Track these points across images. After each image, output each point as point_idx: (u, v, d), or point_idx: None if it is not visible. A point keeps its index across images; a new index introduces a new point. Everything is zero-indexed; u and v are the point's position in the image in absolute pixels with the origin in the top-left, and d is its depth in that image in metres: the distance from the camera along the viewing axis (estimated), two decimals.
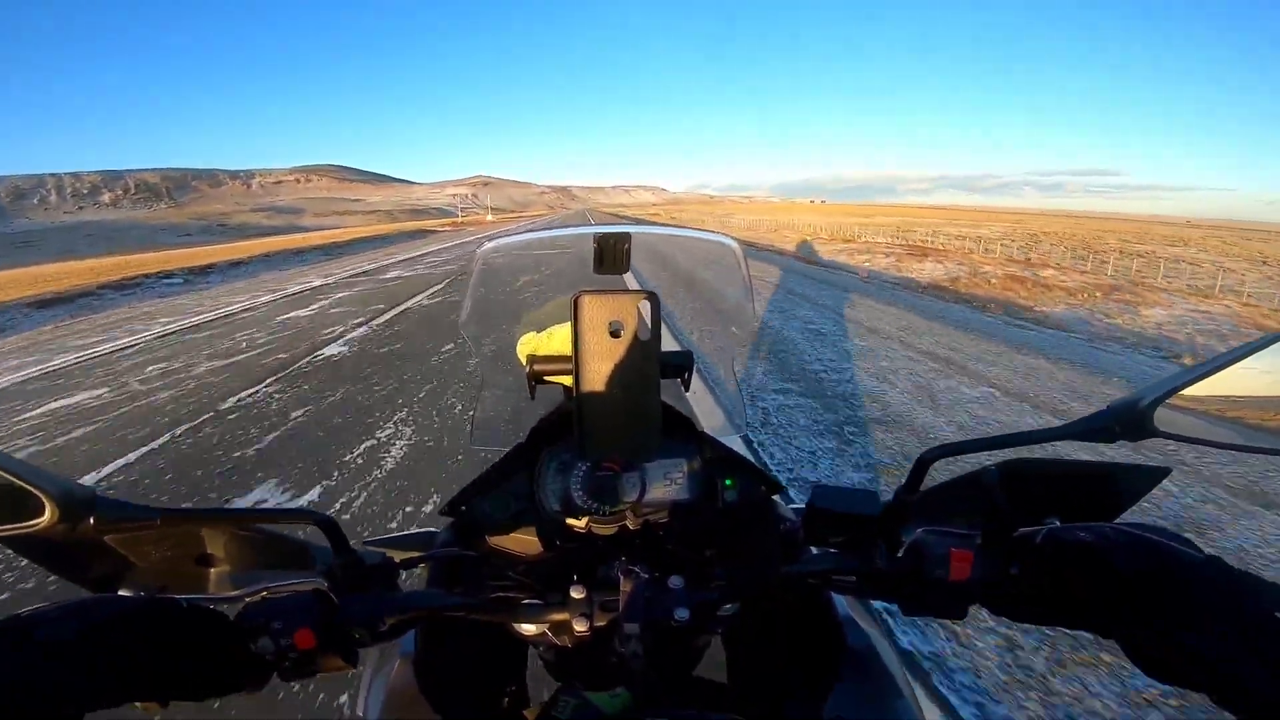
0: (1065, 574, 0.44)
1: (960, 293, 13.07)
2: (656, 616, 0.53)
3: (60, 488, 0.43)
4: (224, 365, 5.79)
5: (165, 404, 4.69)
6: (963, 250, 21.79)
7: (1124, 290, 14.73)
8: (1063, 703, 1.71)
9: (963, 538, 0.49)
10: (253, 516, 0.56)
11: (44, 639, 0.37)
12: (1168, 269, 22.14)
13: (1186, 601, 0.38)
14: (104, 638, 0.39)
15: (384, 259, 18.34)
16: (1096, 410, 0.46)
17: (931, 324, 7.39)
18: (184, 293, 12.37)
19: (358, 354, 6.04)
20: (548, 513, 0.69)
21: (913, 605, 0.50)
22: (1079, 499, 0.51)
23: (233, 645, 0.46)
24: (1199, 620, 0.37)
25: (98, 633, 0.39)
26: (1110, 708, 1.68)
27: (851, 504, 0.54)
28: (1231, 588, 0.37)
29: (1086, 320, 10.92)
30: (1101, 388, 4.89)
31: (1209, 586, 0.38)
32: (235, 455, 3.61)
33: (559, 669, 0.68)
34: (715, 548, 0.69)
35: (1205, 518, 2.68)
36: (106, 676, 0.39)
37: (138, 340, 7.32)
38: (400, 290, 10.79)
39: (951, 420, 3.94)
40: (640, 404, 0.63)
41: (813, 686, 0.61)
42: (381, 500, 2.98)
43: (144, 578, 0.55)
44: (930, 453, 0.49)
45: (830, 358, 5.46)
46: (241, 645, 0.46)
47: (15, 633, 0.37)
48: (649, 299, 0.60)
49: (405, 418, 4.16)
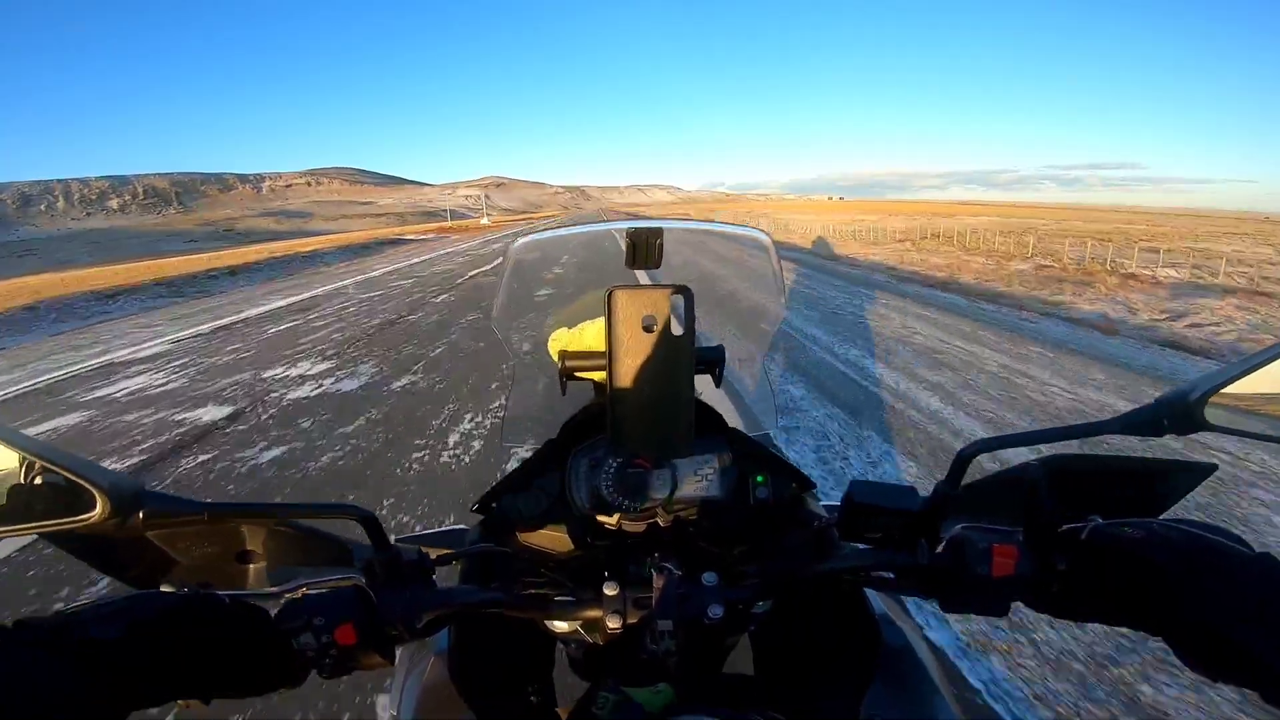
0: (1111, 570, 0.44)
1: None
2: (690, 614, 0.53)
3: (111, 482, 0.43)
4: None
5: None
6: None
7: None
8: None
9: (1005, 534, 0.48)
10: (297, 511, 0.55)
11: (94, 637, 0.37)
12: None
13: (1236, 598, 0.38)
14: (150, 636, 0.39)
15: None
16: (1144, 405, 0.46)
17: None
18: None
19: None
20: (578, 509, 0.69)
21: (953, 601, 0.49)
22: (1123, 495, 0.50)
23: (274, 641, 0.45)
24: (1248, 616, 0.37)
25: (144, 631, 0.39)
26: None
27: (891, 499, 0.53)
28: (1278, 584, 0.37)
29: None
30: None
31: (1259, 583, 0.38)
32: None
33: (585, 666, 0.68)
34: (746, 545, 0.69)
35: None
36: (153, 675, 0.39)
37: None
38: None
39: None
40: (673, 399, 0.62)
41: (848, 684, 0.61)
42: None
43: (185, 574, 0.55)
44: (971, 447, 0.49)
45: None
46: (283, 642, 0.45)
47: (65, 632, 0.37)
48: (682, 293, 0.60)
49: None
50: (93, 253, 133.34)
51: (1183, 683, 1.66)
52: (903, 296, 8.64)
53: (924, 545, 0.52)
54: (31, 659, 0.34)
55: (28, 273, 39.60)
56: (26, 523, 0.44)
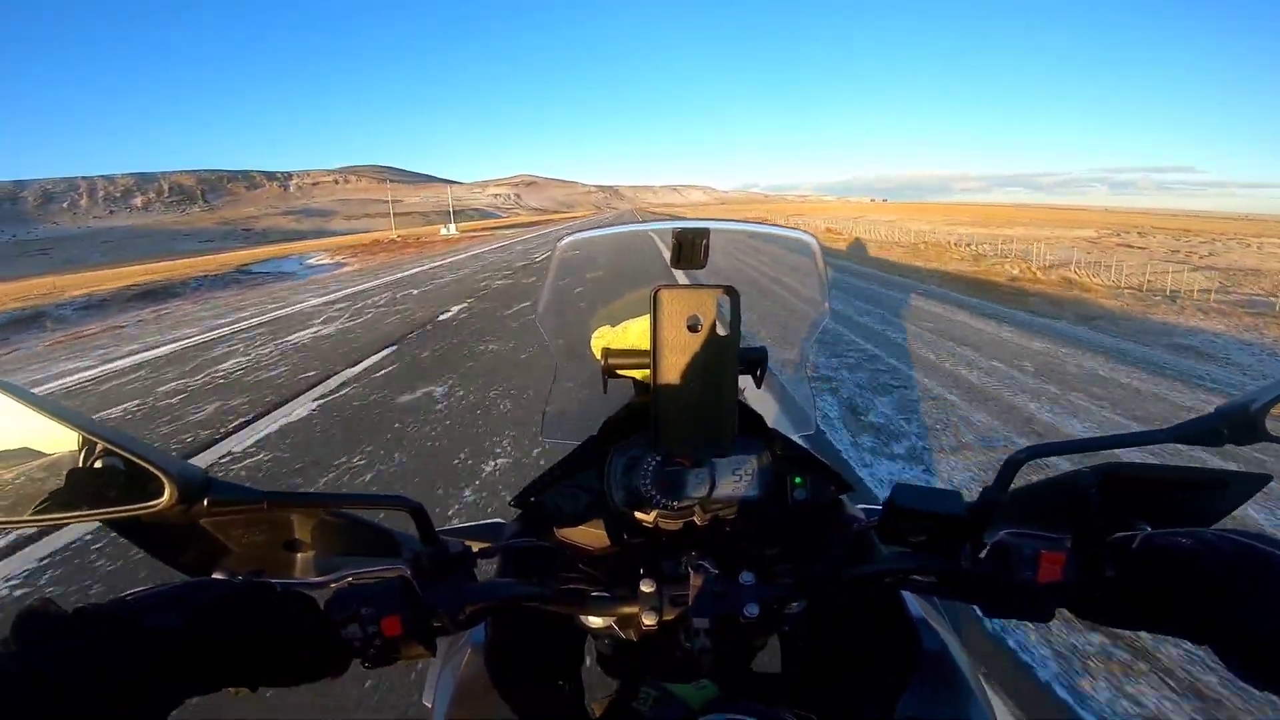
0: (1161, 580, 0.43)
1: None
2: (726, 611, 0.53)
3: (179, 469, 0.44)
4: None
5: None
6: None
7: None
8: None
9: (1052, 540, 0.48)
10: (349, 501, 0.56)
11: (151, 626, 0.38)
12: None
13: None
14: (206, 623, 0.40)
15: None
16: (1202, 415, 0.45)
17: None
18: None
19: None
20: (616, 506, 0.69)
21: (996, 607, 0.49)
22: (1173, 505, 0.50)
23: (323, 631, 0.46)
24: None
25: (201, 618, 0.40)
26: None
27: (935, 503, 0.53)
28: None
29: None
30: None
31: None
32: None
33: (616, 662, 0.68)
34: (782, 545, 0.69)
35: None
36: (207, 662, 0.40)
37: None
38: None
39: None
40: (717, 399, 0.63)
41: (885, 687, 0.60)
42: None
43: (236, 562, 0.55)
44: (1021, 453, 0.49)
45: None
46: (331, 631, 0.46)
47: (124, 621, 0.37)
48: (729, 294, 0.59)
49: None
50: (106, 252, 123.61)
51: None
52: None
53: (967, 550, 0.51)
54: (92, 645, 0.35)
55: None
56: (93, 509, 0.44)
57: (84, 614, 0.37)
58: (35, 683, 0.32)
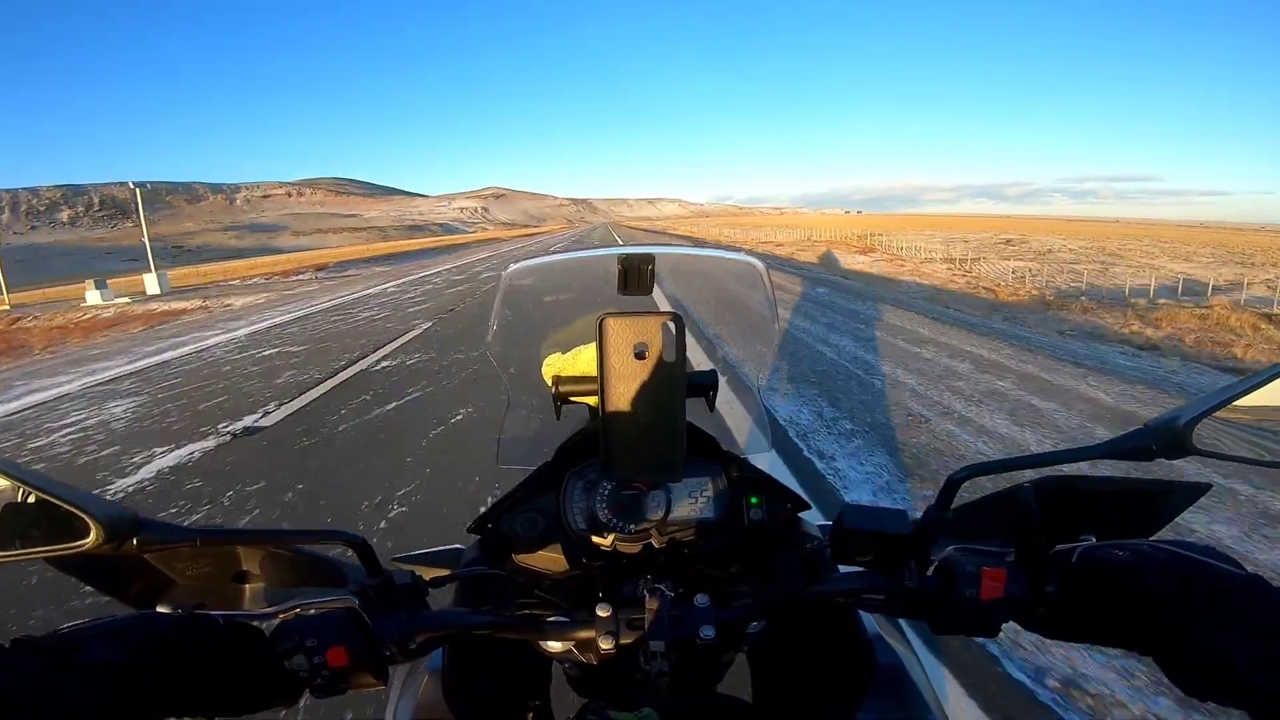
0: (1103, 592, 0.44)
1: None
2: (682, 634, 0.53)
3: (104, 510, 0.44)
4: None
5: None
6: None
7: None
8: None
9: (994, 556, 0.49)
10: (287, 537, 0.57)
11: (88, 660, 0.38)
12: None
13: (1227, 619, 0.38)
14: (145, 655, 0.40)
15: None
16: (1132, 429, 0.46)
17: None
18: None
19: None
20: (573, 531, 0.69)
21: (943, 623, 0.50)
22: (1115, 516, 0.51)
23: (267, 662, 0.46)
24: (1239, 638, 0.37)
25: (139, 650, 0.40)
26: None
27: (882, 523, 0.54)
28: (1273, 605, 0.37)
29: None
30: None
31: (1249, 604, 0.38)
32: None
33: (584, 686, 0.68)
34: (741, 566, 0.70)
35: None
36: (147, 694, 0.39)
37: None
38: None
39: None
40: (665, 426, 0.63)
41: (842, 705, 0.61)
42: None
43: (182, 595, 0.56)
44: (960, 472, 0.50)
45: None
46: (276, 662, 0.46)
47: (60, 653, 0.37)
48: (674, 321, 0.60)
49: None
50: (13, 273, 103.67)
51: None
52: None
53: (913, 568, 0.52)
54: (28, 677, 0.35)
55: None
56: (23, 549, 0.45)
57: (19, 645, 0.37)
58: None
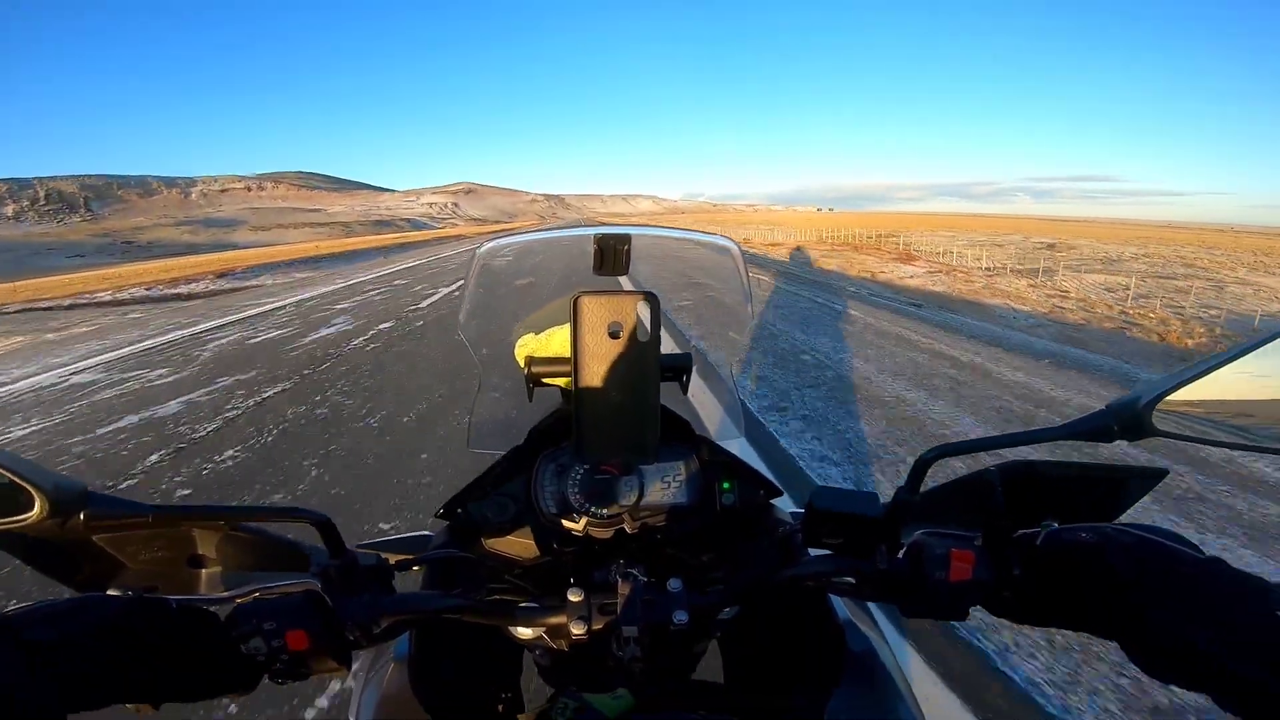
0: (1066, 575, 0.44)
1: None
2: (655, 619, 0.53)
3: (51, 482, 0.42)
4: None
5: None
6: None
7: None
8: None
9: (963, 539, 0.48)
10: (247, 514, 0.54)
11: (30, 640, 0.37)
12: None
13: (1187, 602, 0.38)
14: (91, 638, 0.39)
15: None
16: (1095, 410, 0.46)
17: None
18: None
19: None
20: (545, 515, 0.68)
21: (913, 607, 0.50)
22: (1078, 500, 0.51)
23: (223, 646, 0.45)
24: (1200, 620, 0.37)
25: (84, 633, 0.39)
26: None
27: (852, 505, 0.54)
28: (1232, 588, 0.37)
29: None
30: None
31: (1210, 587, 0.38)
32: None
33: (554, 673, 0.67)
34: (713, 551, 0.69)
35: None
36: (93, 677, 0.39)
37: None
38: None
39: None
40: (639, 406, 0.62)
41: (814, 689, 0.61)
42: None
43: (134, 579, 0.53)
44: (929, 453, 0.50)
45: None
46: (232, 646, 0.45)
47: (3, 630, 0.37)
48: (649, 300, 0.59)
49: None
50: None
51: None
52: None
53: (883, 551, 0.52)
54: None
55: None
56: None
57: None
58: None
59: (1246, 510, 2.71)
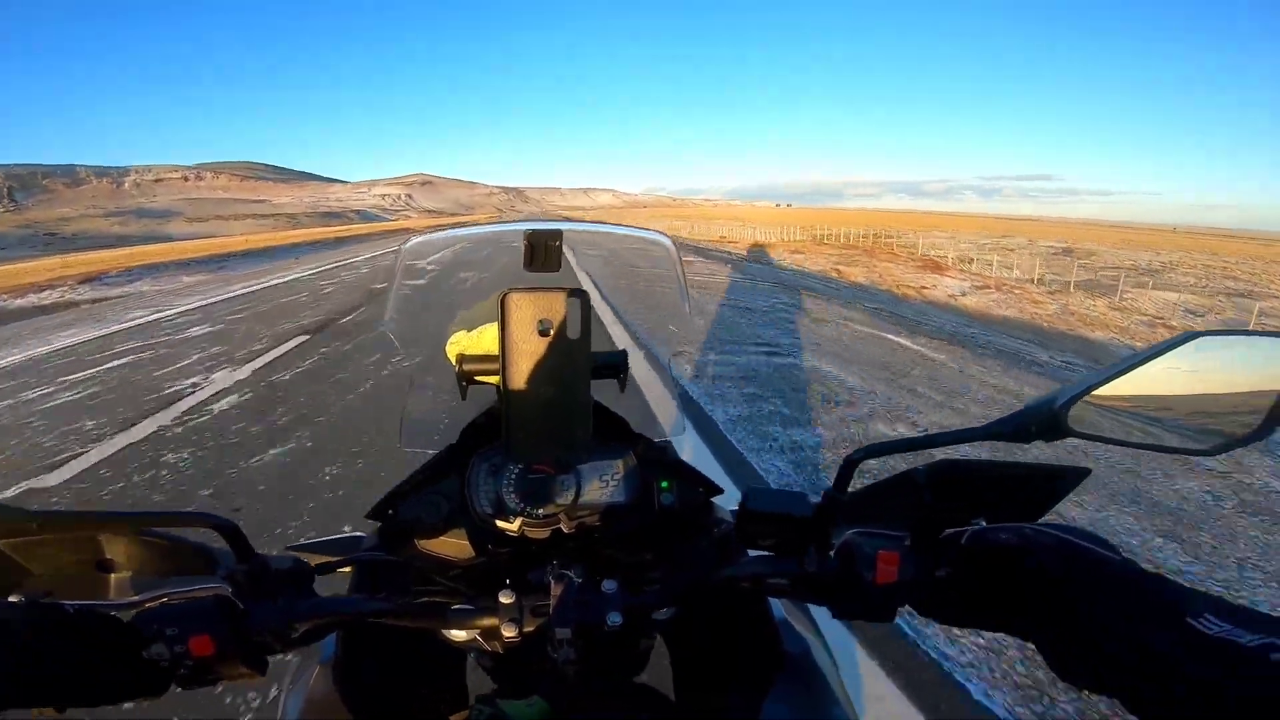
0: (988, 576, 0.44)
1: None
2: (588, 620, 0.52)
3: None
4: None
5: None
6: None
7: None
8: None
9: (891, 539, 0.49)
10: (153, 520, 0.53)
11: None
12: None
13: (1099, 605, 0.38)
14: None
15: None
16: (1013, 412, 0.47)
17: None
18: None
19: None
20: (479, 515, 0.67)
21: (843, 608, 0.50)
22: (1005, 500, 0.51)
23: (124, 652, 0.44)
24: (1110, 624, 0.36)
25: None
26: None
27: (783, 505, 0.54)
28: (1143, 592, 0.37)
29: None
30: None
31: (1121, 590, 0.38)
32: None
33: (495, 675, 0.67)
34: (652, 551, 0.69)
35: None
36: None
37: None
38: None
39: None
40: (570, 404, 0.62)
41: (750, 690, 0.61)
42: None
43: (37, 585, 0.52)
44: (856, 453, 0.50)
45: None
46: (134, 652, 0.45)
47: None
48: (578, 297, 0.60)
49: None
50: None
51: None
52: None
53: (813, 552, 0.52)
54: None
55: None
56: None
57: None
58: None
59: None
